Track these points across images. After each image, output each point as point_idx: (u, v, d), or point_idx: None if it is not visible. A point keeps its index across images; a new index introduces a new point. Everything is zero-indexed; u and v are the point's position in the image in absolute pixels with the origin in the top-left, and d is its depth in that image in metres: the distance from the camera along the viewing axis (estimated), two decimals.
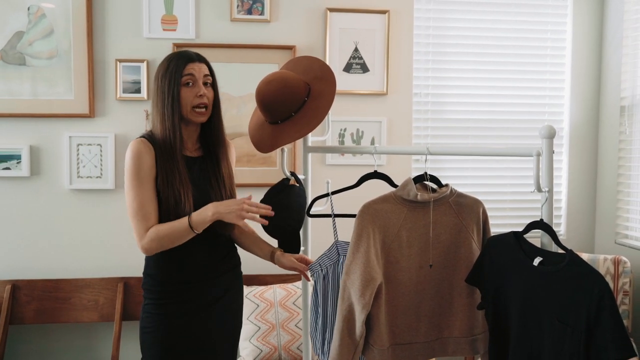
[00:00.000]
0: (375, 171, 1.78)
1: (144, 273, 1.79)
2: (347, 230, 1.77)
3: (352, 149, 1.92)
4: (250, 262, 2.01)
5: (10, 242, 2.71)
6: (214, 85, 1.78)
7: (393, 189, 1.64)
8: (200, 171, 1.77)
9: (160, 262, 1.74)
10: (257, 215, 1.68)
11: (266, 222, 1.71)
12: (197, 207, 1.69)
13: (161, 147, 1.70)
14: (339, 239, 1.74)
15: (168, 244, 1.67)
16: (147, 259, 1.78)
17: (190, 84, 1.71)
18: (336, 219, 1.83)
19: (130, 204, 1.68)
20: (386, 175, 1.78)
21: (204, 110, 1.73)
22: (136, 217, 1.67)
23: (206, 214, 1.64)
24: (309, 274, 1.82)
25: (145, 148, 1.69)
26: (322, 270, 1.74)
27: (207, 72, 1.75)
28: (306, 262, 1.83)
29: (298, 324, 2.57)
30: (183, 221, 1.65)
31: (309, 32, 2.82)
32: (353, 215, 1.73)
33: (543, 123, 2.65)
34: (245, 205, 1.64)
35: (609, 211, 2.96)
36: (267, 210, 1.68)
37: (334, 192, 1.81)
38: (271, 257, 1.87)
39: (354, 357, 1.58)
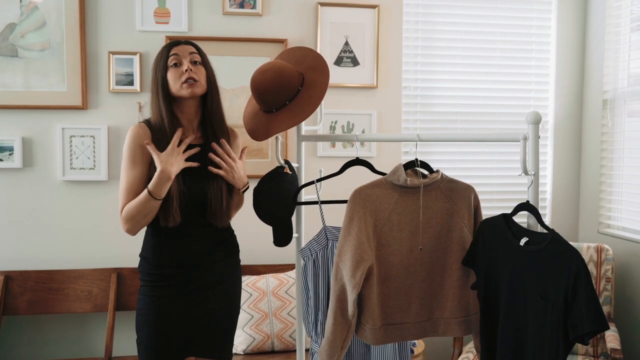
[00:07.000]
0: (357, 158, 1.83)
1: (140, 255, 1.83)
2: (336, 217, 1.82)
3: (347, 137, 1.96)
4: (243, 253, 2.04)
5: (3, 233, 2.72)
6: (205, 64, 1.79)
7: (382, 176, 1.69)
8: (197, 157, 1.77)
9: (154, 245, 1.78)
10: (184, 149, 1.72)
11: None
12: (189, 192, 1.73)
13: (156, 132, 1.74)
14: (327, 225, 1.79)
15: (140, 218, 1.70)
16: (144, 242, 1.82)
17: (177, 64, 1.74)
18: (326, 206, 1.88)
19: (120, 185, 1.75)
20: (368, 162, 1.83)
21: (193, 82, 1.73)
22: (120, 199, 1.73)
23: (156, 176, 1.66)
24: (300, 256, 1.85)
25: (142, 132, 1.74)
26: (311, 254, 1.78)
27: (193, 50, 1.78)
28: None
29: (290, 312, 2.61)
30: (144, 192, 1.68)
31: (300, 26, 2.86)
32: (339, 201, 1.78)
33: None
34: (172, 152, 1.69)
35: (592, 202, 3.04)
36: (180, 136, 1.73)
37: (319, 180, 1.86)
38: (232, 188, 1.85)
39: (347, 337, 1.63)
